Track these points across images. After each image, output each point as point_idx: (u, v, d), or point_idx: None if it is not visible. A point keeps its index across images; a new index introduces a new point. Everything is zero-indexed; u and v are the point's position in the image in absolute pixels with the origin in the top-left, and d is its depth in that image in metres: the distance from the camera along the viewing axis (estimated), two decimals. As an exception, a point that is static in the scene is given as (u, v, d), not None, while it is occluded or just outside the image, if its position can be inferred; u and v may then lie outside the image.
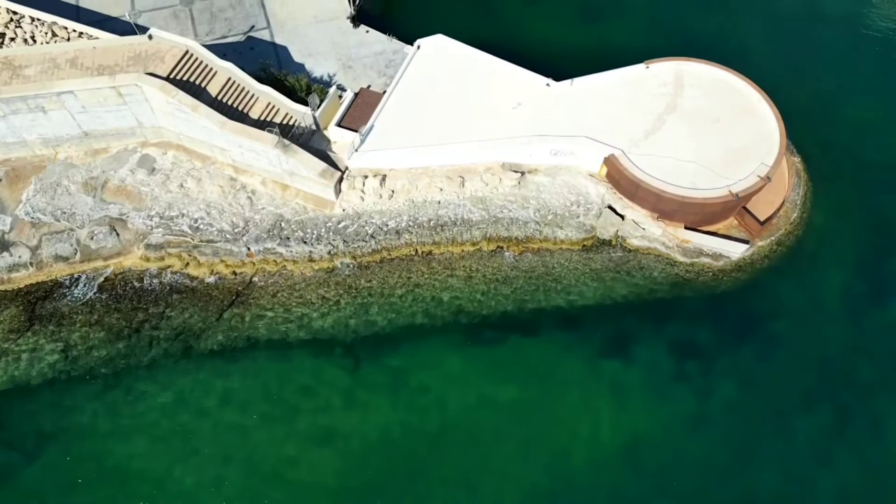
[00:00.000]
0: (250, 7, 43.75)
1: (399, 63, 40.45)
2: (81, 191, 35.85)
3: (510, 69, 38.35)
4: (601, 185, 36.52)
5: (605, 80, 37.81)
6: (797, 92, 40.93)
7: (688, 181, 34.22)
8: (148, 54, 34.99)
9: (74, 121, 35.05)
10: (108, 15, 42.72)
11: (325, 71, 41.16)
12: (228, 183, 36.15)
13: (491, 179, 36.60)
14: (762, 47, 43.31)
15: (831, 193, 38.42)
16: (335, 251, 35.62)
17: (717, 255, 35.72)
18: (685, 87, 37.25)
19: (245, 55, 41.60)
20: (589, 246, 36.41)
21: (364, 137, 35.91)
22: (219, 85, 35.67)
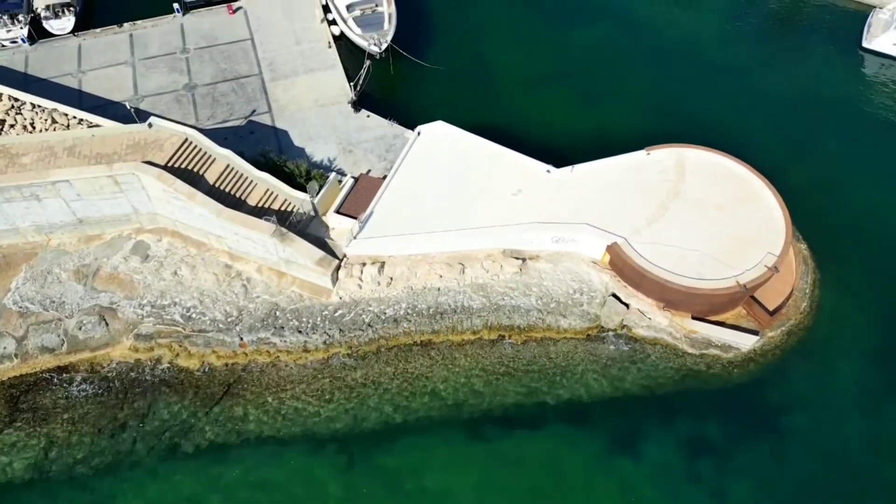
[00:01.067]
0: (252, 92, 44.19)
1: (400, 148, 40.44)
2: (72, 279, 35.03)
3: (510, 155, 38.23)
4: (605, 272, 35.70)
5: (605, 166, 37.61)
6: (798, 175, 40.67)
7: (693, 270, 33.40)
8: (147, 142, 34.87)
9: (69, 208, 34.61)
10: (110, 100, 43.12)
11: (326, 155, 41.11)
12: (223, 270, 35.36)
13: (492, 266, 35.82)
14: (761, 130, 43.38)
15: (840, 280, 37.51)
16: (331, 341, 34.46)
17: (727, 347, 34.51)
18: (687, 174, 36.98)
19: (245, 139, 41.69)
20: (593, 335, 35.26)
21: (363, 225, 35.37)
22: (217, 172, 35.41)
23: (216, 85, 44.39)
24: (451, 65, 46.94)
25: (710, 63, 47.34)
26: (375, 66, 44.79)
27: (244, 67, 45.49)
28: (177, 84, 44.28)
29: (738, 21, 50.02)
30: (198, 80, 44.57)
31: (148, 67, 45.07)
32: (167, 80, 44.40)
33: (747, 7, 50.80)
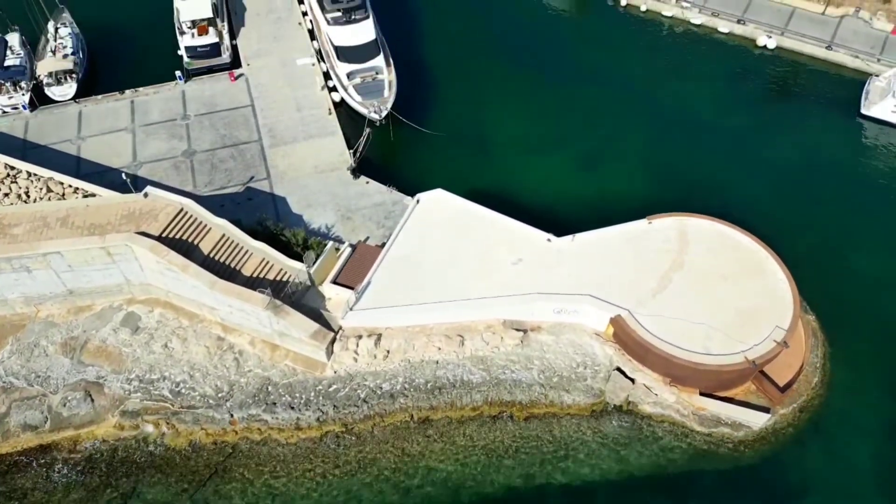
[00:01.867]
0: (251, 158, 44.08)
1: (398, 214, 39.99)
2: (59, 352, 33.98)
3: (510, 223, 37.70)
4: (608, 345, 34.65)
5: (607, 235, 37.03)
6: (802, 243, 40.14)
7: (700, 345, 32.36)
8: (142, 212, 34.40)
9: (59, 279, 33.86)
10: (109, 166, 42.97)
11: (324, 222, 40.64)
12: (215, 343, 34.33)
13: (492, 338, 34.80)
14: (762, 196, 43.01)
15: (851, 352, 36.42)
16: (324, 418, 33.12)
17: (737, 425, 33.14)
18: (689, 244, 36.35)
19: (243, 206, 41.29)
20: (598, 412, 33.93)
21: (359, 296, 34.53)
22: (212, 242, 34.81)
23: (215, 151, 44.33)
24: (451, 130, 47.06)
25: (710, 128, 47.43)
26: (375, 132, 44.86)
27: (244, 134, 45.54)
28: (176, 150, 44.22)
29: (736, 86, 50.38)
30: (197, 146, 44.54)
31: (148, 134, 45.12)
32: (166, 147, 44.36)
33: (744, 73, 51.26)
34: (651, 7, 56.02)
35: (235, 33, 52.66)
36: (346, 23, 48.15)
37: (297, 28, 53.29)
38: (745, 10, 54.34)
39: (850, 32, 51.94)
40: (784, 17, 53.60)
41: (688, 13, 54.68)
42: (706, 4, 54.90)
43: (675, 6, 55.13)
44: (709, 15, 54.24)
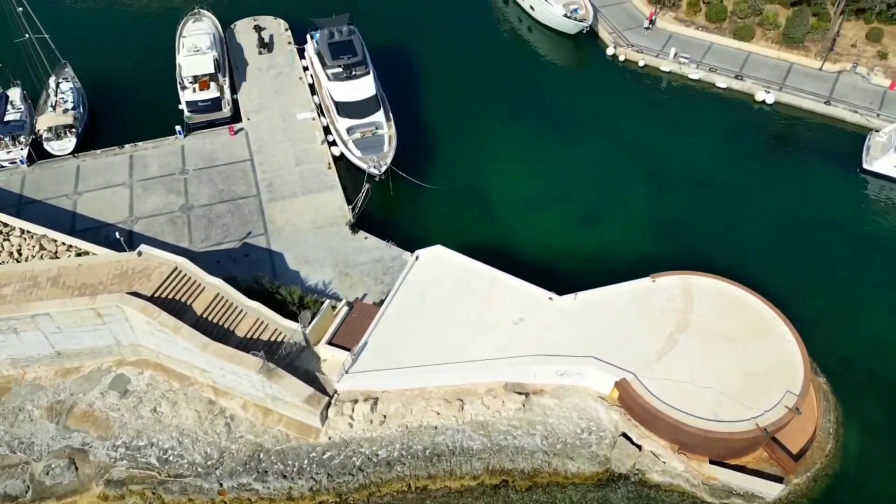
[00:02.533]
0: (249, 213, 43.65)
1: (397, 270, 39.30)
2: (45, 417, 32.79)
3: (511, 281, 36.94)
4: (614, 410, 33.44)
5: (610, 293, 36.23)
6: (808, 302, 39.32)
7: (709, 411, 31.18)
8: (135, 272, 33.70)
9: (48, 341, 32.94)
10: (104, 222, 42.50)
11: (321, 278, 39.91)
12: (206, 407, 33.15)
13: (493, 402, 33.60)
14: (765, 253, 42.38)
15: (864, 417, 35.15)
16: (318, 487, 31.68)
17: (750, 495, 31.66)
18: (694, 303, 35.52)
19: (239, 262, 40.64)
20: (604, 481, 32.47)
21: (355, 358, 33.50)
22: (206, 301, 33.99)
23: (213, 206, 43.92)
24: (451, 185, 46.80)
25: (711, 183, 47.12)
26: (375, 187, 44.57)
27: (242, 188, 45.24)
28: (173, 205, 43.81)
29: (736, 141, 50.35)
30: (195, 201, 44.16)
31: (145, 188, 44.81)
32: (163, 202, 43.98)
33: (744, 127, 51.32)
34: (649, 62, 56.53)
35: (237, 88, 52.98)
36: (346, 78, 48.45)
37: (297, 83, 53.65)
38: (742, 65, 54.84)
39: (849, 87, 52.25)
40: (781, 72, 54.03)
41: (685, 68, 55.14)
42: (703, 60, 55.43)
43: (672, 62, 55.62)
44: (706, 70, 54.68)
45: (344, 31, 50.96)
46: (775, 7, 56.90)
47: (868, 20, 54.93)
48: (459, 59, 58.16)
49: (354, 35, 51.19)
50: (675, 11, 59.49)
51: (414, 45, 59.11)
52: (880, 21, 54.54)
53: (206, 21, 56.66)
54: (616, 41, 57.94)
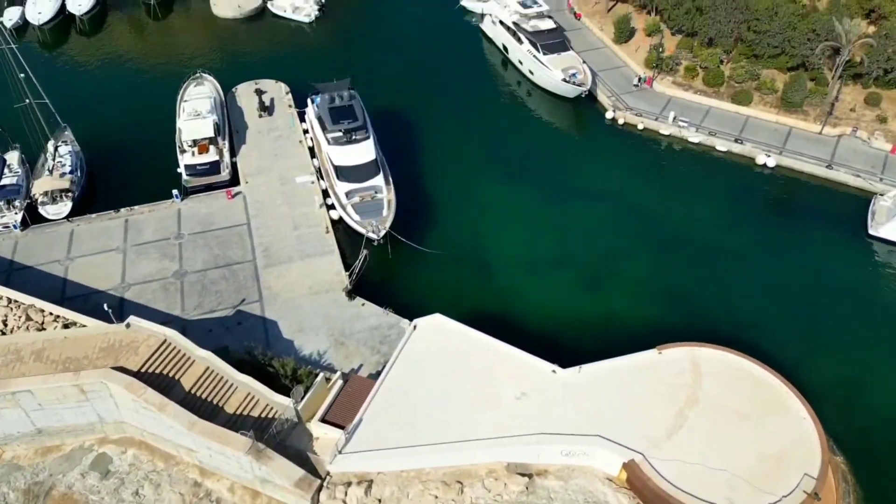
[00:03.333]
0: (244, 279, 42.71)
1: (395, 339, 38.08)
2: (21, 499, 30.98)
3: (513, 353, 35.61)
4: (622, 492, 31.60)
5: (615, 366, 34.86)
6: (819, 373, 37.92)
7: (723, 495, 29.43)
8: (122, 345, 32.51)
9: (28, 418, 31.48)
10: (95, 289, 41.50)
11: (316, 348, 38.63)
12: (191, 490, 31.38)
13: (494, 485, 31.79)
14: (772, 321, 41.09)
15: (884, 497, 33.28)
16: (308, 578, 29.64)
17: (769, 589, 29.54)
18: (703, 377, 34.13)
19: (232, 331, 39.44)
20: (613, 571, 30.40)
21: (349, 437, 31.89)
22: (195, 376, 32.67)
23: (207, 272, 43.02)
24: (451, 248, 46.03)
25: (714, 247, 46.32)
26: (373, 250, 43.82)
27: (238, 253, 44.44)
28: (166, 271, 42.92)
29: (738, 204, 49.84)
30: (189, 266, 43.30)
31: (139, 254, 44.02)
32: (157, 267, 43.11)
33: (746, 191, 50.94)
34: (648, 125, 56.68)
35: (236, 151, 52.89)
36: (346, 143, 48.36)
37: (297, 146, 53.61)
38: (741, 129, 54.93)
39: (850, 152, 52.13)
40: (781, 136, 54.04)
41: (685, 132, 55.21)
42: (703, 124, 55.56)
43: (672, 125, 55.72)
44: (706, 134, 54.73)
45: (345, 95, 51.20)
46: (772, 72, 57.42)
47: (866, 85, 55.30)
48: (459, 122, 58.39)
49: (355, 100, 51.42)
50: (673, 76, 60.05)
51: (414, 107, 59.46)
52: (878, 86, 54.90)
53: (207, 85, 57.12)
54: (615, 104, 58.26)
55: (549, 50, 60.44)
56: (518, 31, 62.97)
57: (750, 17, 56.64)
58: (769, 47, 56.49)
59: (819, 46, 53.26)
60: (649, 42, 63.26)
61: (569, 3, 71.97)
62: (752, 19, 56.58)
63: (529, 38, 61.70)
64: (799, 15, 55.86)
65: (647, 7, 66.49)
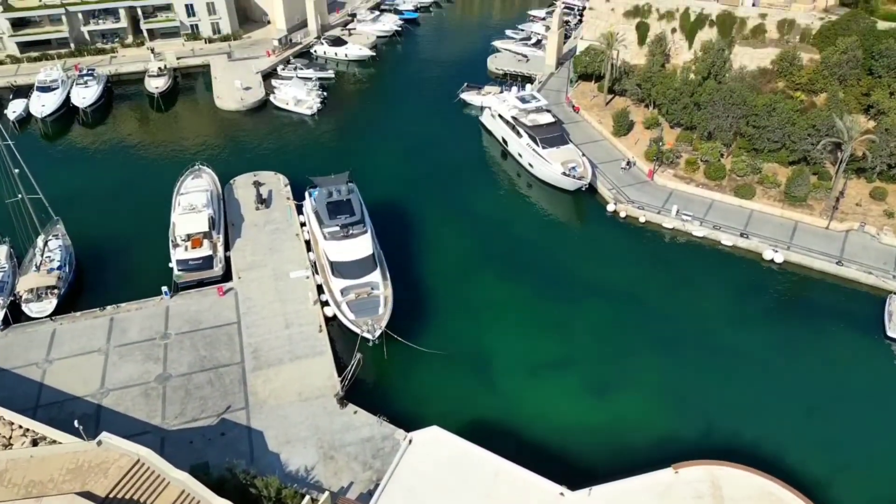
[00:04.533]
0: (230, 384, 40.37)
1: (388, 453, 35.47)
2: None
3: (517, 473, 32.83)
4: None
5: (628, 488, 32.04)
6: (849, 493, 35.05)
7: None
8: (91, 465, 29.89)
9: (-20, 550, 28.43)
10: (72, 395, 39.13)
11: (303, 463, 35.86)
12: None
13: None
14: (791, 432, 38.30)
15: None
16: None
17: None
18: (725, 501, 31.25)
19: (215, 443, 36.80)
20: None
21: (336, 573, 28.80)
22: (169, 501, 29.82)
23: (192, 375, 40.75)
24: (450, 348, 43.94)
25: (725, 349, 44.16)
26: (368, 351, 41.77)
27: (226, 354, 42.32)
28: (149, 375, 40.66)
29: (748, 302, 48.05)
30: (173, 369, 41.09)
31: (122, 355, 41.90)
32: (139, 371, 40.88)
33: (754, 288, 49.27)
34: (650, 219, 55.78)
35: (231, 244, 51.73)
36: (343, 238, 47.24)
37: (294, 239, 52.53)
38: (746, 223, 53.96)
39: (859, 248, 50.86)
40: (787, 231, 52.97)
41: (689, 226, 54.21)
42: (707, 217, 54.66)
43: (674, 219, 54.81)
44: (710, 228, 53.70)
45: (343, 189, 50.54)
46: (773, 166, 57.12)
47: (870, 179, 54.82)
48: (459, 214, 57.62)
49: (353, 194, 50.73)
50: (674, 169, 59.76)
51: (414, 199, 58.90)
52: (882, 180, 54.40)
53: (205, 177, 56.74)
54: (616, 197, 57.63)
55: (548, 144, 60.49)
56: (517, 125, 63.31)
57: (748, 112, 56.90)
58: (769, 142, 56.44)
59: (821, 142, 53.10)
60: (649, 135, 63.53)
61: (567, 97, 73.01)
62: (750, 115, 56.81)
63: (528, 132, 61.92)
64: (797, 111, 56.11)
65: (644, 101, 67.25)
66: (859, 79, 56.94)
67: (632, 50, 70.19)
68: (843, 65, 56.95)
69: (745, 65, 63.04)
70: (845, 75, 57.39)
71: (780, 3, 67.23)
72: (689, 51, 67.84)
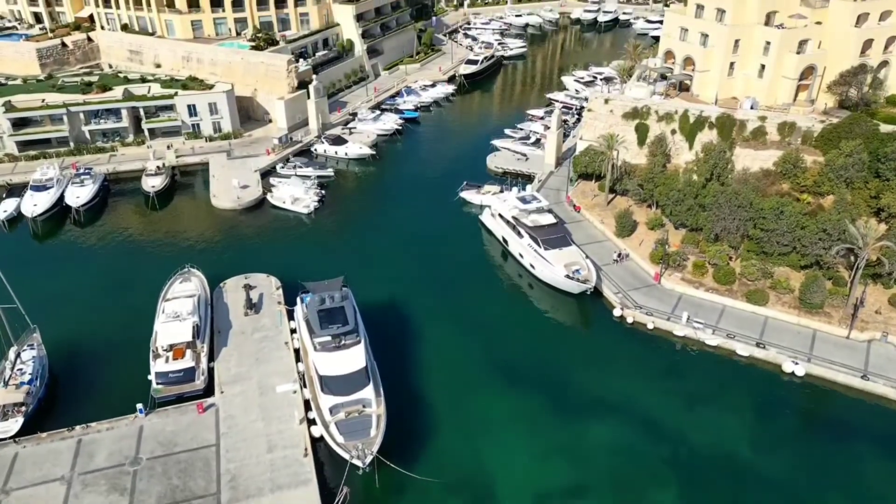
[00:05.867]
0: None
1: None
2: None
3: None
4: None
5: None
6: None
7: None
8: None
9: None
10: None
11: None
12: None
13: None
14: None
15: None
16: None
17: None
18: None
19: None
20: None
21: None
22: None
23: (161, 510, 36.79)
24: (447, 474, 40.35)
25: (749, 475, 40.41)
26: (358, 479, 37.96)
27: (200, 484, 38.46)
28: (112, 509, 36.73)
29: (769, 420, 44.50)
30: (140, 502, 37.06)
31: (85, 485, 38.06)
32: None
33: (775, 404, 45.80)
34: (659, 325, 52.99)
35: (215, 353, 48.70)
36: (334, 349, 44.42)
37: (282, 348, 49.53)
38: (761, 331, 51.12)
39: (884, 359, 47.78)
40: (806, 340, 50.03)
41: (701, 334, 51.34)
42: (719, 325, 51.89)
43: (686, 326, 52.04)
44: (724, 336, 50.80)
45: (336, 297, 48.03)
46: (785, 270, 54.94)
47: (887, 285, 52.53)
48: (457, 319, 54.90)
49: (347, 300, 48.22)
50: (681, 272, 57.58)
51: (411, 302, 56.39)
52: (899, 286, 52.09)
53: (193, 281, 54.47)
54: (623, 302, 55.11)
55: (550, 245, 58.65)
56: (518, 226, 61.76)
57: (755, 215, 55.36)
58: (779, 245, 54.56)
59: (835, 248, 51.16)
60: (653, 236, 61.81)
61: (568, 196, 72.05)
62: (757, 217, 55.25)
63: (529, 233, 60.26)
64: (805, 214, 54.59)
65: (647, 201, 66.08)
66: (867, 181, 55.87)
67: (632, 150, 69.85)
68: (850, 167, 56.05)
69: (747, 166, 62.34)
70: (852, 178, 56.39)
71: (779, 107, 67.55)
72: (689, 151, 67.47)
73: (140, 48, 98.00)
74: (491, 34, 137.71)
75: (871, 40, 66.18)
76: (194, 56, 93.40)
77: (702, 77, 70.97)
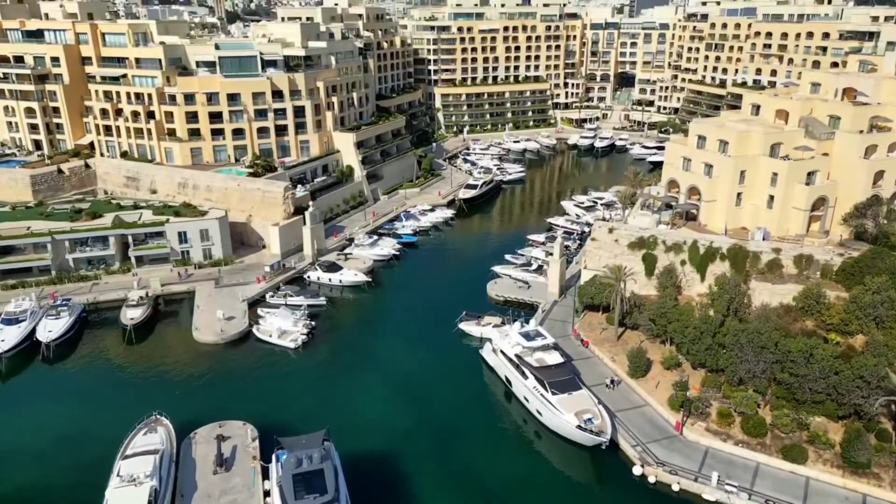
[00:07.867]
0: None
1: None
2: None
3: None
4: None
5: None
6: None
7: None
8: None
9: None
10: None
11: None
12: None
13: None
14: None
15: None
16: None
17: None
18: None
19: None
20: None
21: None
22: None
23: None
24: None
25: None
26: None
27: None
28: None
29: None
30: None
31: None
32: None
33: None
34: (686, 487, 46.51)
35: (175, 524, 42.00)
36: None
37: (253, 516, 42.89)
38: (804, 496, 44.53)
39: (953, 535, 40.99)
40: (857, 507, 43.46)
41: (735, 499, 44.70)
42: (755, 488, 45.34)
43: (716, 489, 45.48)
44: (761, 502, 44.12)
45: (315, 457, 42.22)
46: (822, 421, 49.09)
47: (939, 440, 46.52)
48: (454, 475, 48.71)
49: (327, 461, 42.33)
50: (705, 420, 51.66)
51: (403, 453, 50.32)
52: (955, 441, 46.03)
53: (159, 432, 48.55)
54: (642, 457, 48.81)
55: (558, 389, 53.21)
56: (522, 365, 56.58)
57: (782, 357, 50.37)
58: (812, 392, 49.12)
59: (879, 400, 45.75)
60: (669, 377, 56.49)
61: (574, 329, 67.41)
62: (785, 360, 50.20)
63: (535, 374, 55.00)
64: (837, 357, 49.60)
65: (660, 337, 61.26)
66: (899, 320, 51.39)
67: (640, 281, 66.02)
68: (878, 305, 51.78)
69: (766, 301, 58.14)
70: (882, 316, 51.94)
71: (791, 238, 64.49)
72: (702, 283, 63.58)
73: (137, 174, 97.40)
74: (490, 159, 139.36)
75: (882, 171, 64.27)
76: (190, 182, 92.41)
77: (709, 206, 68.62)
